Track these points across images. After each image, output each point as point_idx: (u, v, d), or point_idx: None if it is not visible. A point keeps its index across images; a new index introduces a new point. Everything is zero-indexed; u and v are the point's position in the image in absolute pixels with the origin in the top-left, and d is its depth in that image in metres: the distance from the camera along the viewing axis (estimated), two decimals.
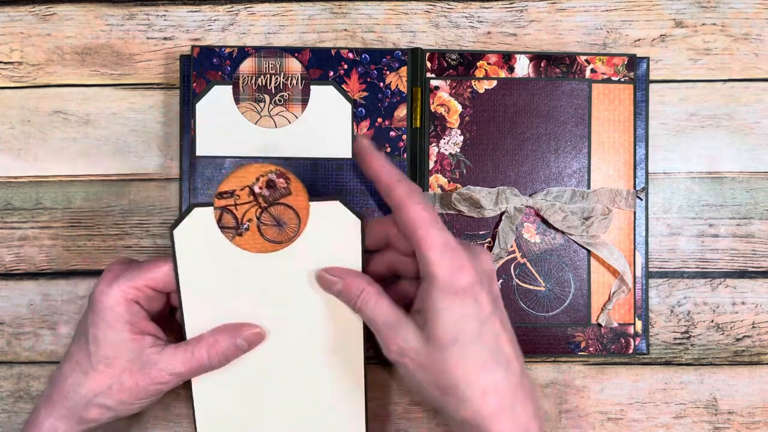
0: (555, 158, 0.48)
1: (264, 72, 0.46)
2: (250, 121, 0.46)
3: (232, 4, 0.50)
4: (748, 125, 0.50)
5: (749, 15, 0.50)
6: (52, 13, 0.50)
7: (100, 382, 0.39)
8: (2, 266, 0.49)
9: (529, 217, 0.48)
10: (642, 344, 0.48)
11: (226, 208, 0.39)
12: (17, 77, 0.50)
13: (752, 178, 0.50)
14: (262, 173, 0.39)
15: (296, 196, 0.40)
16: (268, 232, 0.40)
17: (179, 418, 0.49)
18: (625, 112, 0.48)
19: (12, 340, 0.49)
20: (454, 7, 0.50)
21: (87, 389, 0.39)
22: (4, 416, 0.49)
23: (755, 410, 0.49)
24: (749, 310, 0.49)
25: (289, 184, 0.39)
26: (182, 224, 0.39)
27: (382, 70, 0.47)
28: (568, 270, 0.48)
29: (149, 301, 0.40)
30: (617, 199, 0.47)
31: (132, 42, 0.50)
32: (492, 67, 0.48)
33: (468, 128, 0.48)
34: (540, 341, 0.48)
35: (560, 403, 0.49)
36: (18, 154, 0.49)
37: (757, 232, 0.49)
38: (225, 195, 0.39)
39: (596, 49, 0.50)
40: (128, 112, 0.49)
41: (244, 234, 0.40)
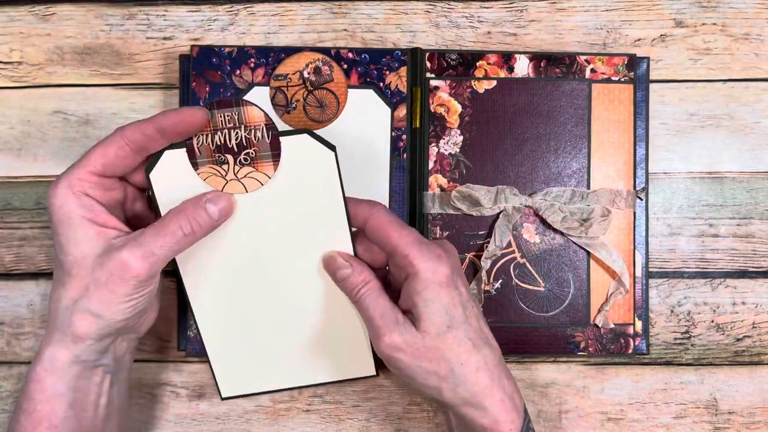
0: (555, 158, 0.48)
1: (220, 127, 0.38)
2: (216, 188, 0.39)
3: (232, 4, 0.50)
4: (749, 125, 0.50)
5: (749, 15, 0.50)
6: (52, 13, 0.50)
7: (76, 287, 0.37)
8: (2, 266, 0.49)
9: (528, 217, 0.48)
10: (642, 344, 0.48)
11: (279, 89, 0.43)
12: (17, 77, 0.50)
13: (752, 178, 0.50)
14: (312, 60, 0.44)
15: (337, 83, 0.45)
16: (312, 112, 0.44)
17: (179, 418, 0.49)
18: (625, 112, 0.48)
19: (12, 340, 0.49)
20: (454, 7, 0.50)
21: (67, 298, 0.37)
22: (4, 416, 0.49)
23: (755, 410, 0.49)
24: (749, 310, 0.49)
25: (332, 72, 0.43)
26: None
27: (382, 70, 0.47)
28: (567, 270, 0.48)
29: (102, 191, 0.38)
30: (617, 200, 0.47)
31: (132, 42, 0.50)
32: (492, 67, 0.48)
33: (468, 128, 0.48)
34: (540, 341, 0.48)
35: (560, 403, 0.49)
36: (18, 154, 0.49)
37: (758, 232, 0.49)
38: (279, 77, 0.42)
39: (596, 49, 0.50)
40: (128, 112, 0.49)
41: (292, 112, 0.43)
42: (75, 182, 0.38)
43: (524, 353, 0.48)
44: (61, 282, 0.38)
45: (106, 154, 0.38)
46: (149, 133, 0.38)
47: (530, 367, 0.49)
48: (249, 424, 0.49)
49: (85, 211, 0.37)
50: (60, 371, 0.38)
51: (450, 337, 0.38)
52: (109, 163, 0.38)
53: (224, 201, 0.39)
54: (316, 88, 0.47)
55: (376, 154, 0.47)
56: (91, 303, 0.37)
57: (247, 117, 0.38)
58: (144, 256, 0.37)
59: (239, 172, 0.39)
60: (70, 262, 0.37)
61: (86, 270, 0.37)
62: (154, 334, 0.49)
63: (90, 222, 0.37)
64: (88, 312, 0.37)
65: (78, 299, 0.37)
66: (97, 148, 0.38)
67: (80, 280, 0.37)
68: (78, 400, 0.39)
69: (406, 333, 0.38)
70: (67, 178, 0.38)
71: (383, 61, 0.47)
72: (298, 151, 0.38)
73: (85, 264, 0.37)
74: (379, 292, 0.40)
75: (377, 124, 0.47)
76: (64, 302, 0.38)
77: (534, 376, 0.49)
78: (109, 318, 0.38)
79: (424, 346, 0.38)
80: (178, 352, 0.48)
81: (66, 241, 0.37)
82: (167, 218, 0.38)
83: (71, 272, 0.37)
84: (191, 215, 0.38)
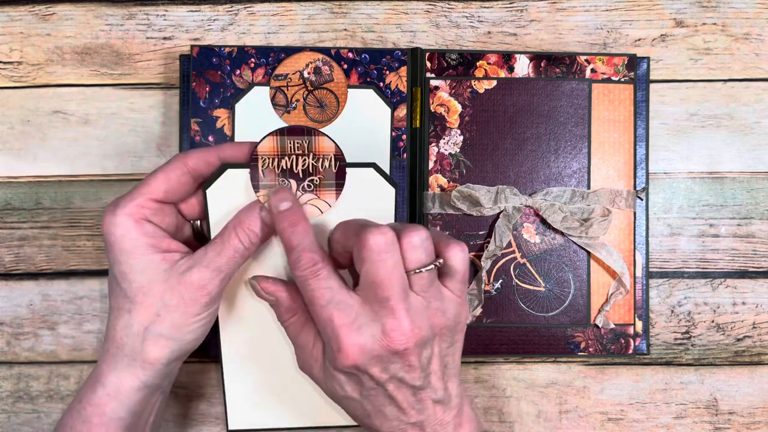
0: (555, 158, 0.48)
1: (288, 152, 0.39)
2: None
3: (232, 4, 0.50)
4: (749, 125, 0.50)
5: (750, 15, 0.50)
6: (52, 13, 0.50)
7: (145, 313, 0.37)
8: (2, 266, 0.49)
9: (528, 217, 0.48)
10: (642, 344, 0.48)
11: (279, 89, 0.43)
12: (17, 77, 0.50)
13: (753, 178, 0.49)
14: (312, 60, 0.44)
15: (337, 83, 0.45)
16: (312, 112, 0.45)
17: (178, 418, 0.49)
18: (626, 112, 0.48)
19: (12, 341, 0.49)
20: (455, 7, 0.50)
21: (137, 326, 0.37)
22: (4, 416, 0.49)
23: (756, 410, 0.49)
24: (750, 310, 0.49)
25: (332, 72, 0.43)
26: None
27: (382, 69, 0.47)
28: (567, 270, 0.48)
29: (160, 216, 0.39)
30: (617, 200, 0.47)
31: (132, 42, 0.50)
32: (492, 67, 0.48)
33: (468, 128, 0.48)
34: (540, 341, 0.47)
35: (560, 404, 0.49)
36: (18, 154, 0.49)
37: (758, 232, 0.49)
38: (279, 77, 0.42)
39: (596, 48, 0.50)
40: (128, 112, 0.49)
41: (292, 112, 0.44)
42: (136, 210, 0.38)
43: (524, 353, 0.48)
44: (125, 310, 0.38)
45: (168, 180, 0.39)
46: (212, 162, 0.39)
47: (530, 367, 0.49)
48: None
49: (149, 239, 0.38)
50: (124, 397, 0.38)
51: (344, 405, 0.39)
52: (171, 190, 0.39)
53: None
54: (316, 87, 0.47)
55: (376, 154, 0.47)
56: (164, 327, 0.37)
57: (317, 146, 0.39)
58: (213, 274, 0.37)
59: (301, 198, 0.39)
60: (134, 290, 0.37)
61: (154, 296, 0.37)
62: None
63: (155, 248, 0.38)
64: (161, 337, 0.38)
65: (149, 325, 0.37)
66: (159, 174, 0.39)
67: (149, 306, 0.37)
68: (134, 423, 0.39)
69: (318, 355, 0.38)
70: (127, 205, 0.38)
71: (383, 61, 0.47)
72: (362, 182, 0.40)
73: (152, 291, 0.37)
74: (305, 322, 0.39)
75: (377, 124, 0.47)
76: (134, 329, 0.38)
77: (534, 376, 0.49)
78: (181, 340, 0.38)
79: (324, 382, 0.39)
80: None
81: (129, 269, 0.37)
82: (227, 233, 0.38)
83: (136, 299, 0.37)
84: (248, 226, 0.38)
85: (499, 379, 0.49)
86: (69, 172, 0.49)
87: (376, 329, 0.35)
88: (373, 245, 0.35)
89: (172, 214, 0.40)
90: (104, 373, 0.38)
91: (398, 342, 0.35)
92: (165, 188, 0.38)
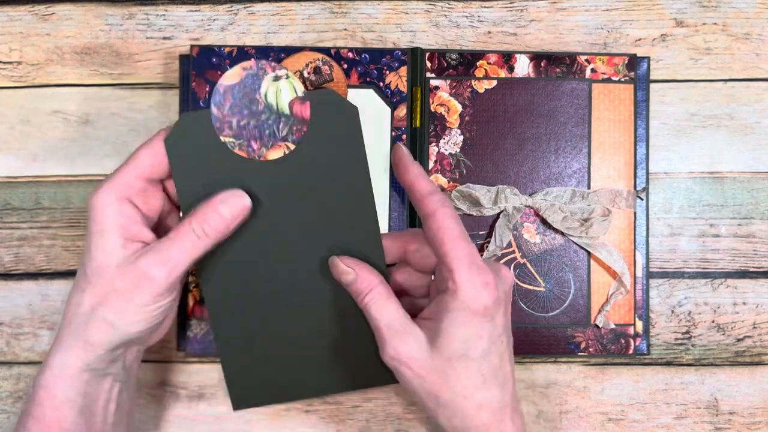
0: (555, 158, 0.48)
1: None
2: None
3: (232, 4, 0.50)
4: (749, 125, 0.50)
5: (750, 15, 0.50)
6: (52, 13, 0.50)
7: (95, 294, 0.37)
8: (1, 266, 0.49)
9: (528, 217, 0.48)
10: (642, 344, 0.48)
11: None
12: (17, 77, 0.50)
13: (753, 178, 0.49)
14: (311, 60, 0.44)
15: (337, 83, 0.45)
16: None
17: (178, 418, 0.49)
18: (626, 112, 0.48)
19: (11, 341, 0.49)
20: (455, 7, 0.50)
21: (86, 305, 0.37)
22: (4, 416, 0.49)
23: (756, 411, 0.49)
24: (750, 310, 0.49)
25: (332, 71, 0.43)
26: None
27: (382, 69, 0.47)
28: (568, 270, 0.48)
29: (144, 198, 0.38)
30: (617, 200, 0.47)
31: (131, 42, 0.50)
32: (492, 66, 0.48)
33: (468, 128, 0.48)
34: (540, 341, 0.47)
35: (560, 404, 0.49)
36: (18, 154, 0.49)
37: (758, 232, 0.49)
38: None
39: (597, 48, 0.50)
40: (128, 112, 0.49)
41: None
42: (120, 187, 0.37)
43: (524, 353, 0.48)
44: (81, 287, 0.38)
45: (154, 153, 0.38)
46: None
47: (530, 367, 0.49)
48: (249, 425, 0.49)
49: (122, 220, 0.37)
50: (70, 377, 0.37)
51: (461, 365, 0.36)
52: (157, 164, 0.38)
53: (240, 201, 0.38)
54: (316, 87, 0.47)
55: (376, 154, 0.47)
56: (108, 312, 0.37)
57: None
58: (161, 262, 0.36)
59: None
60: (92, 269, 0.37)
61: (107, 278, 0.37)
62: None
63: (122, 232, 0.37)
64: (104, 321, 0.37)
65: (96, 307, 0.37)
66: (143, 149, 0.38)
67: (100, 287, 0.37)
68: (87, 407, 0.38)
69: (414, 346, 0.37)
70: (113, 180, 0.37)
71: (383, 60, 0.47)
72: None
73: (106, 272, 0.37)
74: (386, 299, 0.38)
75: (377, 124, 0.47)
76: (82, 308, 0.37)
77: (534, 377, 0.49)
78: (123, 328, 0.37)
79: (430, 365, 0.37)
80: (177, 352, 0.48)
81: (95, 246, 0.37)
82: (182, 223, 0.37)
83: (92, 279, 0.37)
84: (203, 219, 0.37)
85: None
86: (69, 172, 0.49)
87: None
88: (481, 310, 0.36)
89: (158, 196, 0.39)
90: (52, 354, 0.38)
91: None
92: (151, 162, 0.38)
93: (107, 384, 0.39)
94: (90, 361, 0.38)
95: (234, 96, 0.39)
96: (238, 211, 0.38)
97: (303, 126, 0.39)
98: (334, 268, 0.40)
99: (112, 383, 0.39)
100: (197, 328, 0.47)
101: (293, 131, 0.39)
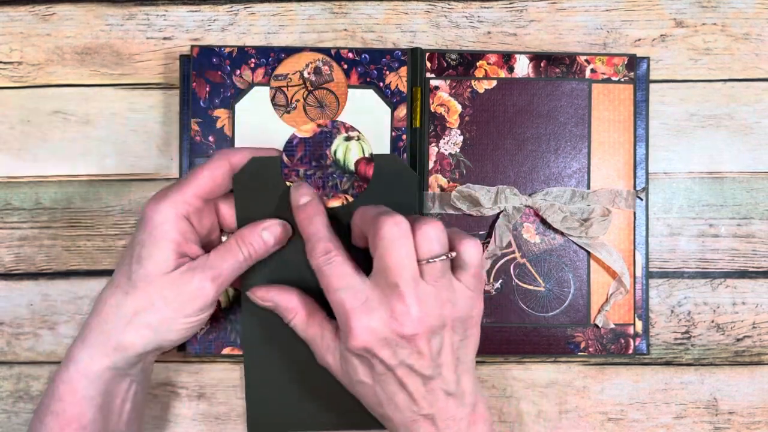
0: (555, 158, 0.48)
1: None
2: None
3: (232, 4, 0.50)
4: (749, 125, 0.50)
5: (750, 15, 0.50)
6: (52, 13, 0.50)
7: (141, 299, 0.38)
8: (2, 266, 0.49)
9: (528, 217, 0.48)
10: (642, 344, 0.48)
11: (279, 89, 0.44)
12: (17, 77, 0.50)
13: (753, 178, 0.50)
14: (312, 60, 0.44)
15: (337, 83, 0.46)
16: (312, 112, 0.46)
17: (179, 418, 0.49)
18: (625, 112, 0.48)
19: (12, 340, 0.49)
20: (454, 7, 0.50)
21: (128, 308, 0.38)
22: (4, 416, 0.49)
23: (756, 410, 0.49)
24: (749, 310, 0.49)
25: (332, 72, 0.44)
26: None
27: (382, 70, 0.47)
28: (567, 270, 0.48)
29: (199, 217, 0.41)
30: (617, 200, 0.47)
31: (132, 42, 0.50)
32: (492, 67, 0.48)
33: (468, 128, 0.48)
34: (540, 341, 0.47)
35: (560, 404, 0.49)
36: (18, 154, 0.49)
37: (758, 232, 0.49)
38: (279, 77, 0.42)
39: (596, 49, 0.50)
40: (128, 112, 0.49)
41: (292, 112, 0.45)
42: (182, 204, 0.39)
43: (524, 353, 0.48)
44: (123, 290, 0.39)
45: (213, 177, 0.40)
46: None
47: (530, 367, 0.49)
48: None
49: (178, 236, 0.39)
50: (94, 375, 0.38)
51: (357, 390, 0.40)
52: (216, 186, 0.41)
53: (279, 229, 0.41)
54: (316, 88, 0.47)
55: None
56: (153, 318, 0.38)
57: None
58: (213, 277, 0.39)
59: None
60: (141, 275, 0.38)
61: (156, 287, 0.38)
62: None
63: (176, 246, 0.39)
64: (147, 326, 0.38)
65: (139, 311, 0.38)
66: (205, 171, 0.40)
67: (148, 294, 0.38)
68: (106, 404, 0.39)
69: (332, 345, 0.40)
70: (174, 196, 0.39)
71: (383, 61, 0.47)
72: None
73: (156, 281, 0.38)
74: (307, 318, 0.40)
75: (377, 124, 0.47)
76: (123, 310, 0.38)
77: (534, 376, 0.49)
78: (163, 335, 0.39)
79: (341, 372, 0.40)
80: (178, 352, 0.48)
81: (147, 255, 0.38)
82: (229, 243, 0.40)
83: (138, 285, 0.38)
84: (249, 240, 0.40)
85: (499, 378, 0.49)
86: (69, 172, 0.49)
87: (385, 312, 0.36)
88: (386, 233, 0.36)
89: (211, 215, 0.42)
90: (77, 349, 0.39)
91: (406, 326, 0.36)
92: (210, 185, 0.40)
93: (126, 384, 0.40)
94: (117, 362, 0.39)
95: (306, 148, 0.45)
96: (279, 237, 0.41)
97: (364, 183, 0.43)
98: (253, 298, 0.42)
99: (130, 384, 0.40)
100: None
101: (354, 186, 0.44)
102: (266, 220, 0.41)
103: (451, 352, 0.38)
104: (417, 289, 0.36)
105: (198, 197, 0.40)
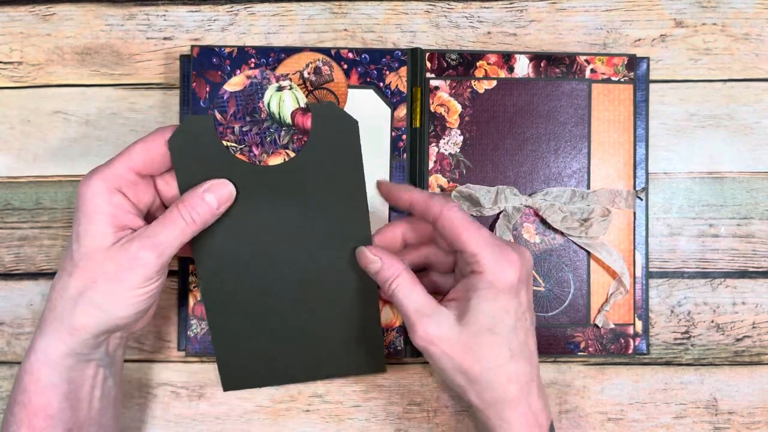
0: (555, 158, 0.48)
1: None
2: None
3: (232, 4, 0.50)
4: (749, 125, 0.50)
5: (750, 15, 0.50)
6: (52, 13, 0.50)
7: (83, 278, 0.37)
8: (2, 266, 0.49)
9: (528, 217, 0.48)
10: (642, 344, 0.48)
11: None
12: (17, 77, 0.50)
13: (752, 178, 0.50)
14: (312, 60, 0.44)
15: (337, 83, 0.46)
16: None
17: (179, 418, 0.49)
18: (625, 112, 0.48)
19: (12, 340, 0.49)
20: (454, 7, 0.50)
21: (72, 289, 0.37)
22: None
23: (755, 410, 0.49)
24: (749, 310, 0.49)
25: (332, 72, 0.44)
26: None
27: (382, 70, 0.47)
28: (567, 270, 0.48)
29: (134, 190, 0.39)
30: (617, 200, 0.47)
31: (132, 42, 0.50)
32: (492, 67, 0.48)
33: (468, 128, 0.48)
34: (540, 341, 0.47)
35: (560, 404, 0.49)
36: (18, 154, 0.49)
37: (758, 232, 0.49)
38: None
39: (596, 49, 0.50)
40: (128, 112, 0.49)
41: None
42: (111, 177, 0.38)
43: None
44: (67, 272, 0.38)
45: (148, 149, 0.39)
46: None
47: None
48: (249, 424, 0.49)
49: (111, 209, 0.38)
50: (54, 363, 0.38)
51: (489, 340, 0.38)
52: (149, 160, 0.39)
53: (222, 188, 0.40)
54: (316, 88, 0.47)
55: (376, 154, 0.47)
56: (97, 295, 0.37)
57: None
58: (152, 246, 0.37)
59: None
60: (81, 254, 0.38)
61: (96, 262, 0.37)
62: (154, 334, 0.49)
63: (112, 219, 0.38)
64: (92, 304, 0.37)
65: (84, 291, 0.37)
66: (138, 144, 0.39)
67: (89, 271, 0.37)
68: (73, 392, 0.39)
69: (442, 324, 0.39)
70: (104, 171, 0.38)
71: (383, 61, 0.47)
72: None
73: (95, 256, 0.37)
74: (411, 284, 0.40)
75: (377, 124, 0.47)
76: (69, 292, 0.38)
77: None
78: (111, 312, 0.38)
79: (459, 342, 0.38)
80: (178, 352, 0.48)
81: (84, 232, 0.38)
82: (170, 210, 0.39)
83: (79, 263, 0.38)
84: (190, 205, 0.39)
85: None
86: (69, 172, 0.49)
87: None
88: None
89: (149, 192, 0.40)
90: (35, 339, 0.39)
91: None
92: (144, 158, 0.39)
93: (91, 370, 0.40)
94: (74, 346, 0.38)
95: (237, 103, 0.41)
96: (224, 199, 0.40)
97: (304, 136, 0.41)
98: (361, 257, 0.41)
99: (96, 369, 0.40)
100: (197, 328, 0.47)
101: (294, 140, 0.41)
102: (207, 181, 0.40)
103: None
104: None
105: (131, 170, 0.38)
